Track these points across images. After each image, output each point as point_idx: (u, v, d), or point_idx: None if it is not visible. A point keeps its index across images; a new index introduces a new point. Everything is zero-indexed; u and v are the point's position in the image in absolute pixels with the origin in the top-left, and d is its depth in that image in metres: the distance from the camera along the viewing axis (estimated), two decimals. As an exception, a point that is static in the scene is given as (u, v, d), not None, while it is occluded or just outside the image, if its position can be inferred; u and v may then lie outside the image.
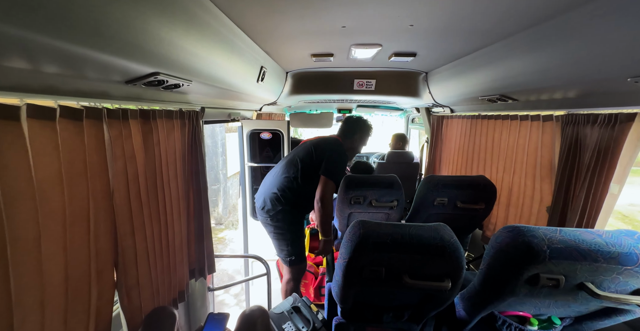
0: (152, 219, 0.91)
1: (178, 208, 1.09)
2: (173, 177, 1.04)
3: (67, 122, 0.59)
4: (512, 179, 1.63)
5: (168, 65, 0.75)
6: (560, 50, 0.95)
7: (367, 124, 1.83)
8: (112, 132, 0.70)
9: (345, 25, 1.16)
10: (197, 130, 1.19)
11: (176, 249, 1.07)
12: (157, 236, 0.94)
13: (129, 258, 0.80)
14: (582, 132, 1.13)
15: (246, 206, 2.31)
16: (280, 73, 2.13)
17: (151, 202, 0.90)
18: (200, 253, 1.27)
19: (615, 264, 0.75)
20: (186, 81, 0.88)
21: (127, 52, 0.62)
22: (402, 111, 3.53)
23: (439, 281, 0.89)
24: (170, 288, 1.03)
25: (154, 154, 0.90)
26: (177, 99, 1.12)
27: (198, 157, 1.22)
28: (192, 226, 1.24)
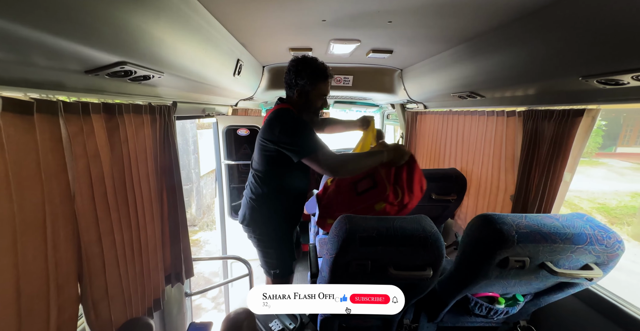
0: (122, 223, 0.83)
1: (151, 209, 1.01)
2: (144, 176, 0.96)
3: (13, 117, 0.50)
4: (480, 170, 1.75)
5: (136, 54, 0.67)
6: (522, 50, 1.03)
7: (309, 63, 1.20)
8: (70, 128, 0.62)
9: (325, 19, 1.14)
10: (169, 126, 1.11)
11: (150, 255, 0.99)
12: (128, 241, 0.86)
13: (95, 268, 0.72)
14: (540, 127, 1.24)
15: (223, 205, 2.22)
16: (257, 67, 2.06)
17: (120, 204, 0.82)
18: (176, 256, 1.19)
19: (569, 244, 0.84)
20: (157, 72, 0.80)
21: (87, 37, 0.54)
22: (378, 107, 3.62)
23: (422, 271, 0.93)
24: (145, 297, 0.96)
25: (122, 152, 0.82)
26: (147, 93, 1.03)
27: (171, 154, 1.14)
28: (167, 229, 1.16)
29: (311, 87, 1.23)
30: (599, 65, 0.78)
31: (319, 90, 1.23)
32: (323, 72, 1.22)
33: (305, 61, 1.22)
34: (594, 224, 0.89)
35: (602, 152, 9.83)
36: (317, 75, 1.21)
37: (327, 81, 1.24)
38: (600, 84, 0.83)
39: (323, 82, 1.23)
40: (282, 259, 1.44)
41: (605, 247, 0.85)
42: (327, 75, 1.23)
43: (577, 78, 0.87)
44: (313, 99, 1.25)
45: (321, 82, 1.23)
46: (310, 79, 1.21)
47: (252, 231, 1.42)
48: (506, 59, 1.14)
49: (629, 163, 8.80)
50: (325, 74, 1.23)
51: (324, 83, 1.24)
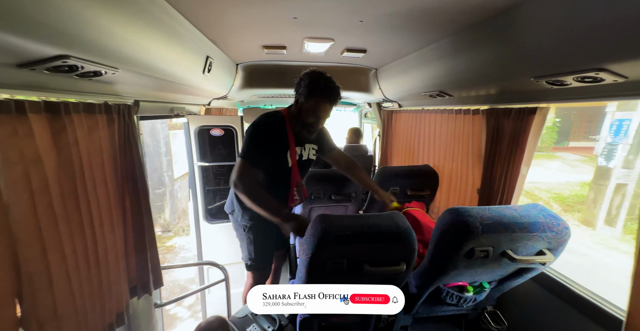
0: (73, 234, 0.75)
1: (110, 217, 0.93)
2: (101, 182, 0.88)
3: None
4: (451, 166, 1.84)
5: (82, 47, 0.61)
6: (482, 53, 1.09)
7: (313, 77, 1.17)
8: (1, 130, 0.54)
9: (297, 16, 1.12)
10: (130, 127, 1.02)
11: (110, 266, 0.91)
12: (82, 253, 0.78)
13: (39, 286, 0.65)
14: (501, 124, 1.33)
15: (198, 209, 2.12)
16: (229, 65, 1.99)
17: (70, 214, 0.74)
18: (142, 266, 1.11)
19: (526, 233, 0.90)
20: (110, 68, 0.74)
21: (16, 24, 0.48)
22: (356, 106, 3.66)
23: (396, 265, 0.96)
24: (105, 312, 0.88)
25: (71, 156, 0.74)
26: (102, 90, 0.95)
27: (134, 157, 1.05)
28: (131, 237, 1.07)
29: (305, 100, 1.19)
30: (546, 67, 0.85)
31: (311, 105, 1.18)
32: (321, 90, 1.16)
33: (314, 73, 1.19)
34: (546, 213, 0.96)
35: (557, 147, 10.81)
36: (314, 90, 1.16)
37: (322, 100, 1.17)
38: (549, 84, 0.89)
39: (318, 99, 1.17)
40: (258, 248, 1.43)
41: (556, 233, 0.92)
42: (325, 94, 1.16)
43: (530, 78, 0.93)
44: (304, 113, 1.21)
45: (316, 98, 1.17)
46: (308, 90, 1.17)
47: (236, 217, 1.41)
48: (469, 61, 1.20)
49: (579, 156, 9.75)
50: (324, 93, 1.16)
51: (319, 101, 1.17)
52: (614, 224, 5.53)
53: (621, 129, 5.42)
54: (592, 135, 10.22)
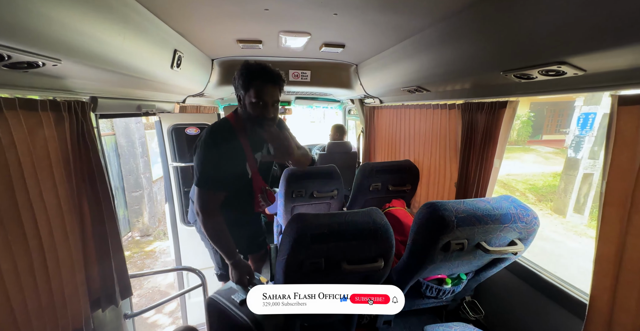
0: (13, 248, 0.67)
1: (62, 226, 0.84)
2: (48, 187, 0.79)
3: None
4: (430, 161, 1.86)
5: (6, 32, 0.53)
6: (456, 47, 1.10)
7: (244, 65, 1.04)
8: None
9: (268, 8, 1.07)
10: (85, 125, 0.93)
11: (64, 279, 0.83)
12: (26, 268, 0.70)
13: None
14: (474, 118, 1.35)
15: (174, 212, 2.02)
16: (203, 60, 1.89)
17: (8, 225, 0.66)
18: (106, 276, 1.03)
19: (498, 224, 0.92)
20: (49, 59, 0.65)
21: None
22: (340, 103, 3.64)
23: (373, 262, 0.95)
24: (59, 330, 0.80)
25: (6, 160, 0.65)
26: (48, 85, 0.85)
27: (91, 158, 0.97)
28: (91, 246, 0.99)
29: (244, 91, 1.04)
30: (514, 61, 0.86)
31: (252, 94, 1.03)
32: (255, 73, 1.01)
33: (245, 62, 1.05)
34: (517, 204, 0.99)
35: (532, 140, 11.38)
36: (248, 76, 1.02)
37: (261, 84, 1.02)
38: (517, 78, 0.91)
39: (256, 84, 1.02)
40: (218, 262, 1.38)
41: (525, 224, 0.95)
42: (260, 75, 1.01)
43: (499, 73, 0.94)
44: (249, 105, 1.05)
45: (254, 84, 1.02)
46: (241, 81, 1.03)
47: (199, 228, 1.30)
48: (443, 55, 1.20)
49: (552, 148, 10.34)
50: (258, 75, 1.01)
51: (258, 86, 1.02)
52: (582, 212, 5.91)
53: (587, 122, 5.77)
54: (563, 128, 10.84)
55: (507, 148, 1.30)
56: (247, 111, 1.07)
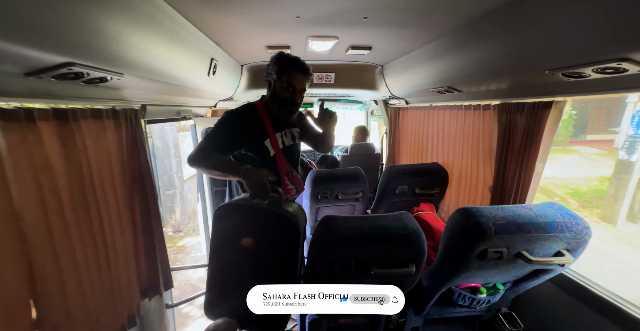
0: (84, 238, 0.77)
1: (119, 221, 0.94)
2: (110, 186, 0.90)
3: None
4: (460, 164, 1.78)
5: (86, 54, 0.61)
6: (494, 45, 1.05)
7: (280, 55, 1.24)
8: (9, 138, 0.55)
9: (300, 15, 1.11)
10: (137, 131, 1.04)
11: (121, 269, 0.93)
12: (93, 257, 0.80)
13: (52, 290, 0.66)
14: (513, 120, 1.27)
15: (206, 209, 2.15)
16: (234, 66, 1.99)
17: (80, 219, 0.75)
18: (152, 268, 1.13)
19: (542, 233, 0.86)
20: (115, 73, 0.74)
21: (22, 34, 0.48)
22: (362, 104, 3.62)
23: (405, 268, 0.93)
24: (116, 314, 0.89)
25: (80, 161, 0.75)
26: (109, 96, 0.96)
27: (141, 161, 1.07)
28: (141, 240, 1.09)
29: (277, 76, 1.21)
30: (563, 59, 0.80)
31: (283, 80, 1.21)
32: (289, 62, 1.21)
33: (280, 53, 1.24)
34: (565, 212, 0.92)
35: (574, 140, 10.37)
36: (283, 64, 1.21)
37: (293, 72, 1.21)
38: (565, 76, 0.85)
39: (289, 71, 1.21)
40: None
41: (575, 234, 0.88)
42: (293, 65, 1.21)
43: (545, 72, 0.89)
44: (279, 90, 1.22)
45: (287, 71, 1.21)
46: (276, 68, 1.21)
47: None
48: (478, 54, 1.16)
49: (597, 150, 9.35)
50: (291, 64, 1.21)
51: (290, 73, 1.21)
52: (636, 220, 5.29)
53: (644, 120, 5.16)
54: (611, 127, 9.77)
55: (543, 149, 1.22)
56: (277, 94, 1.23)
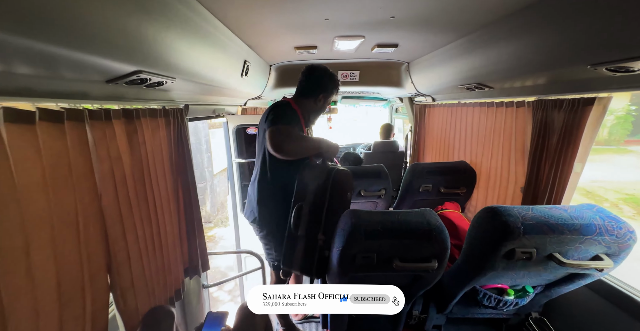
0: (143, 220, 0.90)
1: (168, 207, 1.08)
2: (161, 176, 1.03)
3: (48, 126, 0.56)
4: (490, 163, 1.73)
5: (150, 63, 0.72)
6: (530, 40, 1.01)
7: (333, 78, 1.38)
8: (95, 133, 0.68)
9: (328, 17, 1.16)
10: (182, 128, 1.17)
11: (169, 249, 1.06)
12: (149, 236, 0.93)
13: (121, 260, 0.79)
14: (550, 117, 1.21)
15: (236, 202, 2.30)
16: (263, 67, 2.09)
17: (140, 203, 0.88)
18: (193, 250, 1.27)
19: (577, 235, 0.84)
20: (169, 78, 0.85)
21: (106, 50, 0.59)
22: (386, 101, 3.58)
23: (427, 262, 0.95)
24: (166, 288, 1.03)
25: (140, 154, 0.88)
26: (161, 97, 1.09)
27: (185, 155, 1.20)
28: (184, 225, 1.23)
29: (326, 93, 1.41)
30: (607, 53, 0.76)
31: (330, 98, 1.46)
32: (338, 85, 1.45)
33: (328, 74, 1.40)
34: (604, 214, 0.88)
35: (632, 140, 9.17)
36: (337, 86, 1.43)
37: (336, 93, 1.47)
38: (610, 71, 0.80)
39: (336, 92, 1.46)
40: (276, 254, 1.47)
41: (616, 237, 0.84)
42: (338, 87, 1.46)
43: (586, 67, 0.85)
44: (324, 104, 1.45)
45: (335, 92, 1.45)
46: (331, 86, 1.41)
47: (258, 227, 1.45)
48: (513, 49, 1.12)
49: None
50: (338, 86, 1.45)
51: (335, 94, 1.47)
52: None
53: None
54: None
55: (593, 149, 1.14)
56: (322, 106, 1.44)
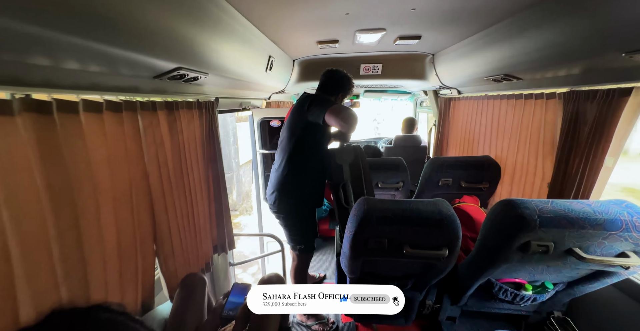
0: (180, 199, 1.03)
1: (200, 190, 1.21)
2: (195, 162, 1.16)
3: (111, 114, 0.69)
4: (516, 157, 1.66)
5: (188, 60, 0.83)
6: (561, 28, 0.96)
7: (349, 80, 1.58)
8: (144, 122, 0.81)
9: (349, 12, 1.19)
10: (212, 119, 1.29)
11: (201, 226, 1.21)
12: (185, 214, 1.07)
13: (164, 231, 0.93)
14: (582, 109, 1.15)
15: (259, 189, 2.45)
16: (287, 61, 2.17)
17: (178, 184, 1.02)
18: (221, 230, 1.41)
19: (600, 230, 0.81)
20: (203, 73, 0.96)
21: (155, 50, 0.70)
22: (411, 95, 3.50)
23: (437, 250, 0.96)
24: (198, 260, 1.18)
25: (178, 141, 1.01)
26: (195, 91, 1.21)
27: (215, 144, 1.33)
28: (213, 207, 1.37)
29: (344, 94, 1.60)
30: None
31: (345, 97, 1.63)
32: (353, 85, 1.63)
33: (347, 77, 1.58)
34: (634, 210, 0.83)
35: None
36: (352, 87, 1.61)
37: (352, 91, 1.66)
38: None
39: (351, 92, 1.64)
40: (307, 236, 1.60)
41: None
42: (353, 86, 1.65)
43: (621, 54, 0.81)
44: (341, 100, 1.61)
45: (351, 92, 1.64)
46: (348, 87, 1.58)
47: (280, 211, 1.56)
48: (543, 38, 1.07)
49: None
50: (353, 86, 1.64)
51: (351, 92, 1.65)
52: None
53: None
54: None
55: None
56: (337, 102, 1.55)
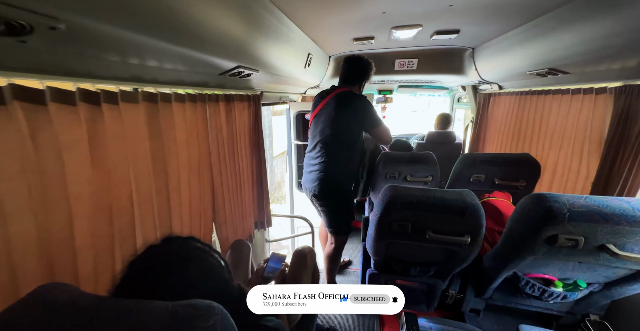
0: (231, 178, 1.23)
1: (247, 172, 1.41)
2: (243, 148, 1.35)
3: (190, 104, 0.88)
4: (558, 155, 1.58)
5: (245, 59, 1.00)
6: (616, 17, 0.92)
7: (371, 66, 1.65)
8: (210, 110, 1.00)
9: (385, 11, 1.25)
10: (257, 111, 1.47)
11: (246, 203, 1.41)
12: (235, 190, 1.27)
13: (219, 203, 1.14)
14: (634, 104, 1.08)
15: (292, 176, 2.64)
16: (323, 58, 2.28)
17: (230, 165, 1.22)
18: (261, 209, 1.61)
19: (638, 227, 0.78)
20: (254, 71, 1.13)
21: (222, 52, 0.87)
22: (448, 90, 3.39)
23: (459, 236, 1.00)
24: (244, 230, 1.38)
25: (233, 128, 1.20)
26: (245, 86, 1.40)
27: (258, 134, 1.51)
28: (256, 189, 1.57)
29: (368, 79, 1.68)
30: None
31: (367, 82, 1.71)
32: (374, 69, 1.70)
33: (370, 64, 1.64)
34: None
35: None
36: (372, 72, 1.68)
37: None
38: None
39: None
40: (346, 221, 1.73)
41: None
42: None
43: None
44: (364, 88, 1.71)
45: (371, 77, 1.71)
46: (370, 72, 1.66)
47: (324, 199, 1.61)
48: (595, 30, 1.01)
49: None
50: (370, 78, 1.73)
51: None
52: None
53: None
54: None
55: None
56: (360, 91, 1.70)
